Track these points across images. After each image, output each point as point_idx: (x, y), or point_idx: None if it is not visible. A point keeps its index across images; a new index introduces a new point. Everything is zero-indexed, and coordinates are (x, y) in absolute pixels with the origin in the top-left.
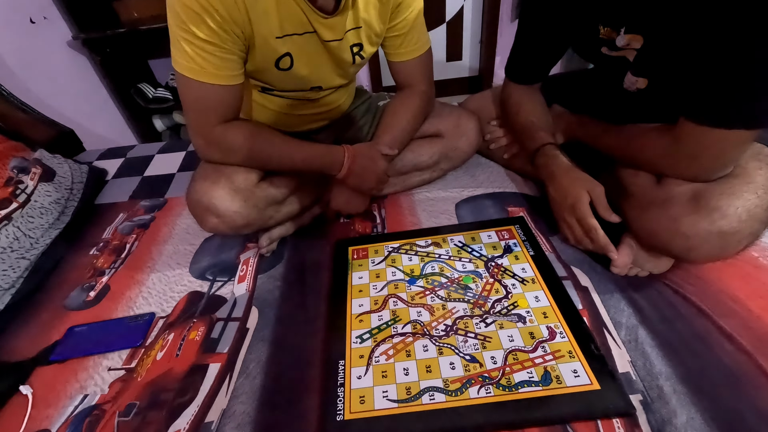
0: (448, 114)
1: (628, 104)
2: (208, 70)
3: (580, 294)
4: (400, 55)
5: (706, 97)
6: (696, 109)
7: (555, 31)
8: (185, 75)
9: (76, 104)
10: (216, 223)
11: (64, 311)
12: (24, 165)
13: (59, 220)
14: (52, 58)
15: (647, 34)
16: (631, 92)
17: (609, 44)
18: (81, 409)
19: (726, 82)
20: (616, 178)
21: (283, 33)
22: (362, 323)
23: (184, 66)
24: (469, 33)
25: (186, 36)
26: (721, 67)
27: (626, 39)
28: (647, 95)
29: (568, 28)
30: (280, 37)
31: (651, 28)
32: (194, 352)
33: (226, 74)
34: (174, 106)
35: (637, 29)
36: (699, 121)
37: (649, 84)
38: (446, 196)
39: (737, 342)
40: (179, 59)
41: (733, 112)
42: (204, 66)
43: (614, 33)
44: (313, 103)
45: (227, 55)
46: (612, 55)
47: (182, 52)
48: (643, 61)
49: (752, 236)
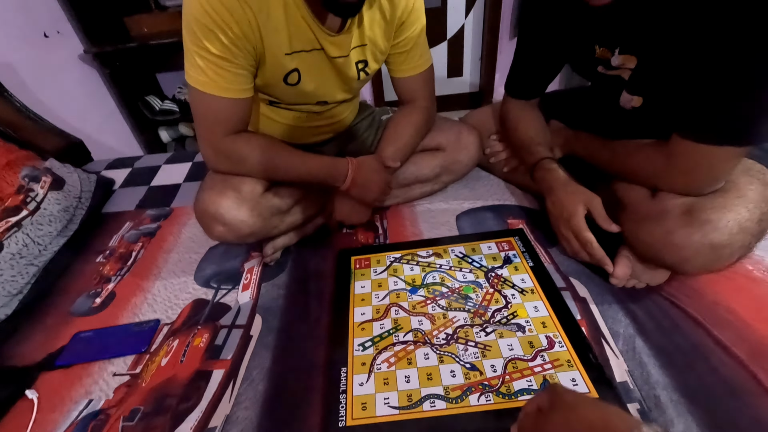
0: (449, 128)
1: (624, 121)
2: (219, 84)
3: (578, 304)
4: (403, 71)
5: (697, 114)
6: (687, 126)
7: (552, 49)
8: (197, 88)
9: (85, 115)
10: (222, 231)
11: (71, 317)
12: (35, 174)
13: (67, 228)
14: (64, 71)
15: (641, 55)
16: (626, 110)
17: (604, 63)
18: (86, 414)
19: (715, 100)
20: (612, 191)
21: (292, 50)
22: (364, 331)
23: (197, 79)
24: (469, 50)
25: (199, 51)
26: (711, 86)
27: (621, 59)
28: (642, 113)
29: (564, 46)
30: (289, 54)
31: (644, 48)
32: (198, 359)
33: (237, 88)
34: (180, 119)
35: (631, 50)
36: (690, 137)
37: (644, 102)
38: (447, 207)
39: (732, 352)
40: (192, 73)
41: (722, 129)
42: (216, 80)
43: (609, 53)
44: (319, 116)
45: (238, 70)
46: (607, 74)
47: (195, 66)
48: (637, 80)
49: (743, 249)
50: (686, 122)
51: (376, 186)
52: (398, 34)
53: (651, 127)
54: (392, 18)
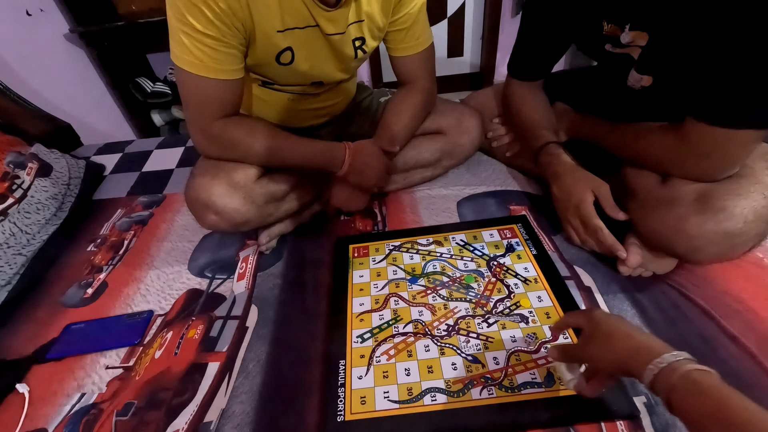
0: (451, 111)
1: (632, 102)
2: (207, 64)
3: (583, 294)
4: (402, 50)
5: (713, 96)
6: (703, 108)
7: (558, 27)
8: (184, 69)
9: (73, 98)
10: (215, 220)
11: (61, 308)
12: (20, 160)
13: (56, 215)
14: (49, 51)
15: (653, 31)
16: (635, 90)
17: (613, 41)
18: (78, 408)
19: (734, 82)
20: (620, 177)
21: (285, 27)
22: (363, 322)
23: (183, 60)
24: (470, 29)
25: (185, 29)
26: (729, 66)
27: (631, 36)
28: (652, 93)
29: (571, 24)
30: (282, 31)
31: (657, 24)
32: (193, 351)
33: (226, 68)
34: (172, 101)
35: (643, 26)
36: (706, 120)
37: (654, 81)
38: (448, 194)
39: (741, 343)
40: (178, 53)
41: (741, 112)
42: (203, 59)
43: (618, 30)
44: (314, 98)
45: (227, 49)
46: (616, 52)
47: (181, 46)
48: (648, 58)
49: (758, 237)
50: (701, 104)
51: (375, 171)
52: (397, 10)
53: (661, 108)
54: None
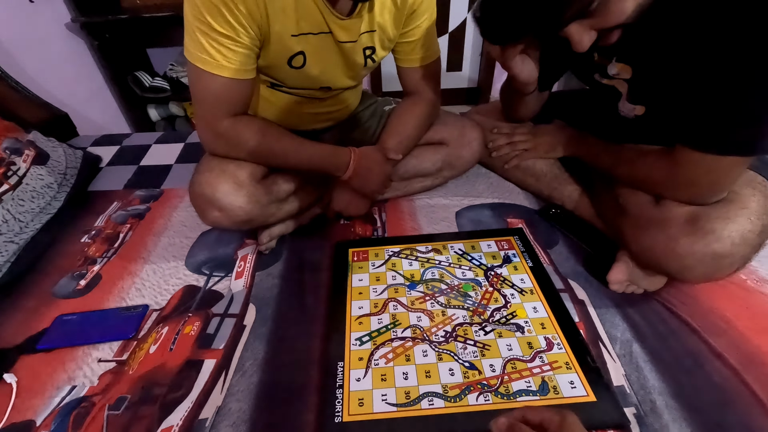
0: (453, 123)
1: (626, 128)
2: (221, 63)
3: (576, 307)
4: (410, 61)
5: (700, 124)
6: (691, 135)
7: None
8: (197, 66)
9: (70, 88)
10: (218, 216)
11: (53, 299)
12: (17, 146)
13: (51, 205)
14: (49, 40)
15: (636, 65)
16: (628, 117)
17: (601, 71)
18: (68, 401)
19: (718, 110)
20: (614, 195)
21: (299, 32)
22: (362, 325)
23: (197, 57)
24: (470, 45)
25: (202, 27)
26: (714, 95)
27: (617, 68)
28: (645, 120)
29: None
30: (296, 36)
31: (639, 58)
32: (189, 347)
33: (239, 68)
34: (170, 97)
35: (627, 59)
36: (694, 147)
37: (646, 110)
38: (447, 203)
39: (726, 360)
40: (192, 48)
41: (726, 139)
42: (217, 58)
43: (606, 60)
44: (321, 102)
45: (241, 50)
46: (602, 83)
47: (196, 43)
48: (636, 89)
49: (743, 260)
50: (689, 131)
51: (377, 178)
52: (408, 23)
53: (655, 134)
54: (403, 5)
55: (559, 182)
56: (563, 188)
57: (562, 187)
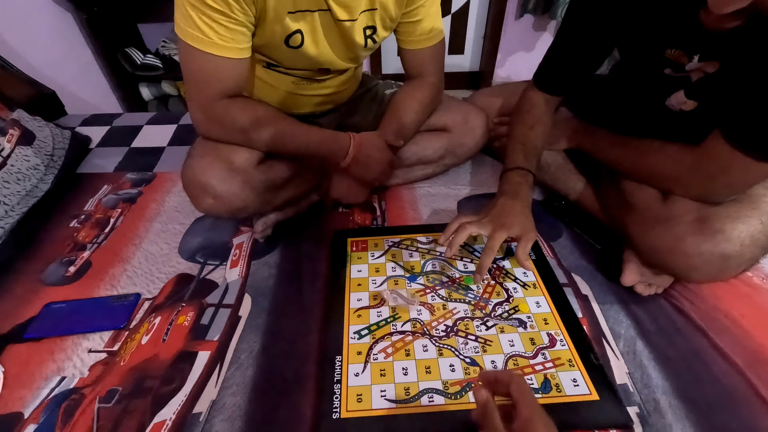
0: (456, 108)
1: (663, 121)
2: (213, 41)
3: (580, 302)
4: (413, 42)
5: (748, 122)
6: (734, 129)
7: (600, 43)
8: (188, 43)
9: (57, 64)
10: (212, 203)
11: (41, 286)
12: (1, 125)
13: (37, 187)
14: (34, 13)
15: (725, 61)
16: (671, 110)
17: (674, 66)
18: (58, 392)
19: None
20: (620, 191)
21: (296, 8)
22: (360, 318)
23: (188, 33)
24: (473, 28)
25: (193, 1)
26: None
27: (700, 64)
28: (690, 117)
29: (621, 43)
30: (293, 13)
31: (730, 56)
32: (182, 338)
33: (233, 46)
34: (163, 75)
35: (715, 56)
36: (737, 144)
37: (697, 107)
38: (448, 192)
39: (731, 359)
40: (183, 25)
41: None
42: (210, 35)
43: (685, 57)
44: (319, 84)
45: (235, 26)
46: (674, 76)
47: (187, 18)
48: (704, 85)
49: (751, 261)
50: (733, 125)
51: (378, 165)
52: (411, 2)
53: (686, 131)
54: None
55: (564, 173)
56: (567, 179)
57: (567, 179)
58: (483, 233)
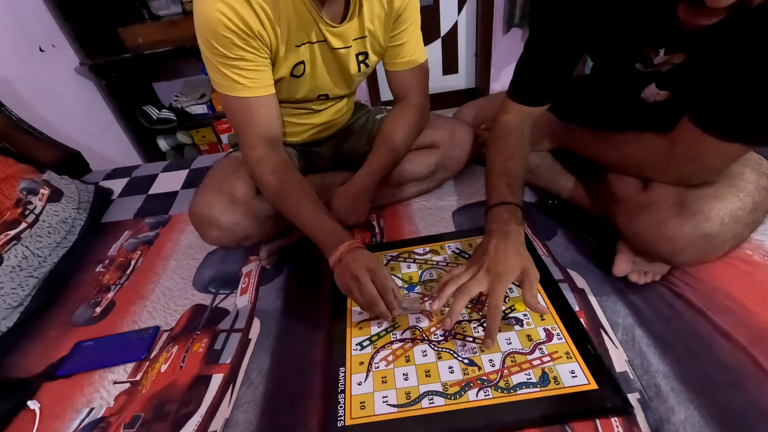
0: (443, 125)
1: (638, 113)
2: (245, 85)
3: (576, 296)
4: (397, 65)
5: (714, 105)
6: (702, 113)
7: (573, 45)
8: (227, 94)
9: (83, 127)
10: (217, 235)
11: (72, 327)
12: (33, 186)
13: (66, 238)
14: (61, 84)
15: (690, 52)
16: (646, 103)
17: (644, 61)
18: (87, 422)
19: (736, 97)
20: (606, 183)
21: (301, 42)
22: (362, 330)
23: (224, 86)
24: (464, 47)
25: (219, 59)
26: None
27: (667, 57)
28: (664, 107)
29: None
30: (299, 46)
31: (695, 47)
32: (197, 364)
33: (259, 85)
34: (177, 127)
35: (681, 49)
36: (701, 125)
37: (670, 96)
38: (443, 204)
39: (733, 338)
40: (218, 80)
41: (737, 127)
42: (241, 81)
43: (653, 52)
44: (317, 114)
45: (258, 68)
46: (644, 71)
47: (219, 74)
48: (674, 75)
49: (736, 239)
50: (701, 109)
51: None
52: (395, 27)
53: (667, 120)
54: (390, 9)
55: (554, 173)
56: (558, 179)
57: (557, 178)
58: (482, 290)
